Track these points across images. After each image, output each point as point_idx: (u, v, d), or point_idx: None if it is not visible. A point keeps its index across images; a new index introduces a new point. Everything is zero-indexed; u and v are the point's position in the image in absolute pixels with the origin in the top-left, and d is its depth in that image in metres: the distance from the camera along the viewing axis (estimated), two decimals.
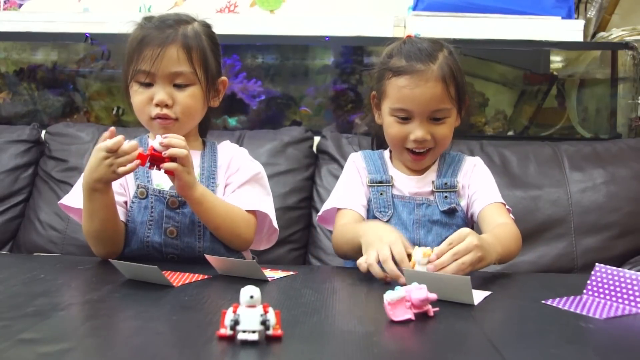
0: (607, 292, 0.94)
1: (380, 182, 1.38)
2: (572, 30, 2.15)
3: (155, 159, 1.15)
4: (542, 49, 2.19)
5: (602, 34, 2.32)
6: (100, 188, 1.17)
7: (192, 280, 1.03)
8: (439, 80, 1.30)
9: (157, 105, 1.27)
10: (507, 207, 1.38)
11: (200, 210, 1.23)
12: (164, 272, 1.00)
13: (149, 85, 1.28)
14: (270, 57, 2.36)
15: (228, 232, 1.27)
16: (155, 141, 1.16)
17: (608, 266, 0.96)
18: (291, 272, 1.14)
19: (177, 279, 1.03)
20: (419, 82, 1.30)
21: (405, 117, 1.33)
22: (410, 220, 1.34)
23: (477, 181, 1.39)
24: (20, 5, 2.58)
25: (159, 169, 1.16)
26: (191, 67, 1.28)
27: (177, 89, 1.28)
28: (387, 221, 1.34)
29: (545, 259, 1.82)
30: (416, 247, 1.07)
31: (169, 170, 1.16)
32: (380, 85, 1.37)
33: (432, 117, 1.32)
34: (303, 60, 2.40)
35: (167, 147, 1.15)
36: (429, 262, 1.03)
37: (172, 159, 1.15)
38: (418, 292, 0.83)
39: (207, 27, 1.36)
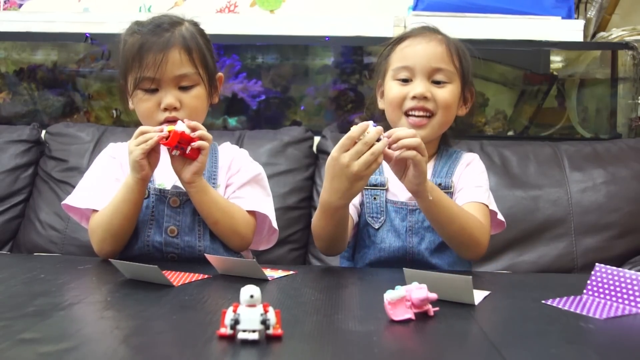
0: (607, 292, 0.94)
1: (375, 185, 1.34)
2: (572, 30, 2.16)
3: (185, 140, 1.18)
4: (542, 49, 2.19)
5: (602, 34, 2.33)
6: (134, 184, 1.20)
7: (192, 280, 1.03)
8: (443, 43, 1.32)
9: (165, 109, 1.27)
10: (492, 209, 1.33)
11: (203, 201, 1.23)
12: (164, 271, 1.00)
13: (154, 91, 1.28)
14: (270, 57, 2.36)
15: (227, 228, 1.27)
16: (179, 126, 1.19)
17: (608, 266, 0.96)
18: (291, 272, 1.14)
19: (177, 278, 1.03)
20: (421, 40, 1.33)
21: (406, 79, 1.31)
22: (403, 227, 1.30)
23: (465, 179, 1.35)
24: (20, 5, 2.58)
25: (183, 152, 1.18)
26: (194, 68, 1.29)
27: (182, 91, 1.29)
28: (379, 228, 1.31)
29: (546, 259, 1.82)
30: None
31: (199, 148, 1.19)
32: (383, 65, 1.38)
33: (433, 80, 1.31)
34: (303, 60, 2.40)
35: (194, 130, 1.19)
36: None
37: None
38: (418, 291, 0.83)
39: (197, 25, 1.35)
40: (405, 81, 1.32)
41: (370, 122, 1.11)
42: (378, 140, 1.10)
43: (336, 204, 1.15)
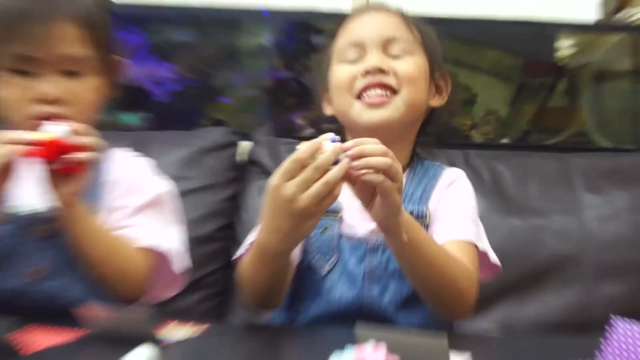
0: (627, 356, 0.93)
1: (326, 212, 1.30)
2: (585, 7, 2.20)
3: (62, 149, 1.12)
4: (546, 31, 2.23)
5: (624, 12, 2.37)
6: None
7: (57, 344, 1.00)
8: (396, 14, 1.41)
9: (42, 101, 1.24)
10: (482, 249, 1.32)
11: (81, 233, 1.21)
12: (13, 332, 0.96)
13: (27, 73, 1.24)
14: (186, 34, 2.37)
15: (112, 271, 1.24)
16: (57, 129, 1.13)
17: (630, 320, 0.95)
18: (205, 328, 1.12)
19: (31, 341, 0.99)
20: (369, 13, 1.43)
21: (356, 59, 1.36)
22: (359, 271, 1.28)
23: (447, 206, 1.35)
24: None
25: (60, 165, 1.13)
26: (89, 49, 1.27)
27: (69, 78, 1.26)
28: (330, 270, 1.29)
29: (551, 312, 1.85)
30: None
31: (81, 162, 1.14)
32: (326, 61, 1.43)
33: (390, 53, 1.36)
34: (231, 38, 2.40)
35: (76, 134, 1.15)
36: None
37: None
38: (374, 354, 0.82)
39: None
40: (355, 61, 1.36)
41: (329, 136, 1.07)
42: (336, 163, 1.06)
43: (276, 249, 1.13)
